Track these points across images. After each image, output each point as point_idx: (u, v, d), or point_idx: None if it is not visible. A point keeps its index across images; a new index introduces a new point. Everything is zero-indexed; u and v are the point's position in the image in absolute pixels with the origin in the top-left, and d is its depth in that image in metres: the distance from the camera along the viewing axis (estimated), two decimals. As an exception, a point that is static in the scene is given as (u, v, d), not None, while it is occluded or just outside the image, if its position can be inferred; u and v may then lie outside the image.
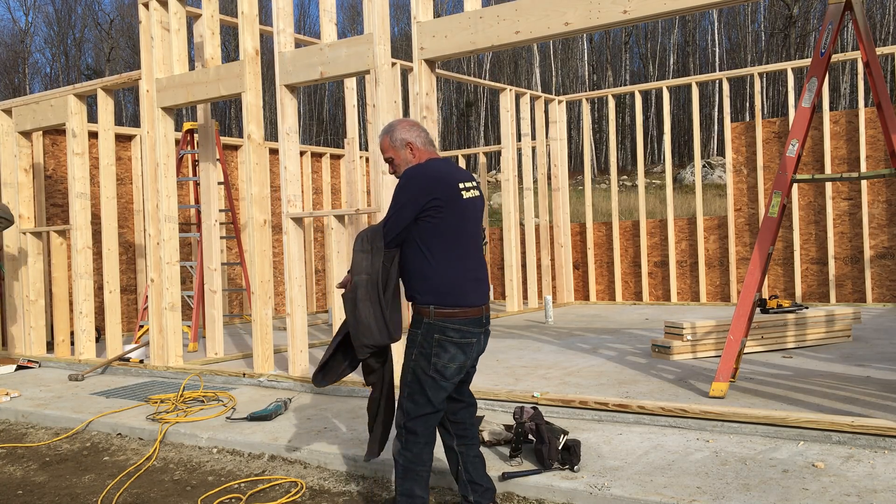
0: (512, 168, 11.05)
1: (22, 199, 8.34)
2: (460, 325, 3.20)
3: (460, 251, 3.22)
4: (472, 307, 3.24)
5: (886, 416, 4.16)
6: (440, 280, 3.19)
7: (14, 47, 48.32)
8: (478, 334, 3.28)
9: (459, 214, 3.21)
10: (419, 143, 3.35)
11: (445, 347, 3.19)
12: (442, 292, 3.19)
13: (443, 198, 3.15)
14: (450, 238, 3.19)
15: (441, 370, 3.18)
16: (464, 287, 3.22)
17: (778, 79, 33.89)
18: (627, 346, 7.40)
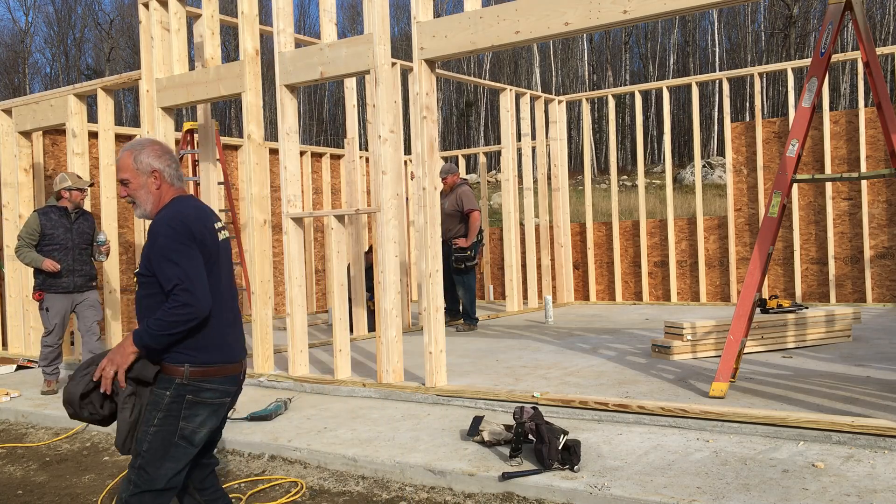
0: (512, 168, 11.05)
1: (22, 199, 8.34)
2: (217, 385, 2.82)
3: (218, 302, 2.84)
4: (230, 363, 2.87)
5: (886, 416, 4.16)
6: (196, 334, 2.78)
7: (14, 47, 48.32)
8: (233, 393, 2.92)
9: (216, 261, 2.86)
10: (167, 176, 2.91)
11: (197, 410, 2.78)
12: (198, 348, 2.79)
13: (207, 244, 2.81)
14: (214, 290, 2.82)
15: (189, 436, 2.77)
16: (222, 341, 2.85)
17: (778, 79, 33.89)
18: (627, 346, 7.40)
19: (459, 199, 9.00)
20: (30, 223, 6.43)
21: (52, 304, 6.42)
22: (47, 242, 6.41)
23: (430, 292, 5.48)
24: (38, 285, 6.44)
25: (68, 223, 6.48)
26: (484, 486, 3.76)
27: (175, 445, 2.75)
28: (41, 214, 6.45)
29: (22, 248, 6.38)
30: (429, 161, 5.53)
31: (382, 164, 5.71)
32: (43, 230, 6.39)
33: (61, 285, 6.42)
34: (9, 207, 8.50)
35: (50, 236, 6.40)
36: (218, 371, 2.82)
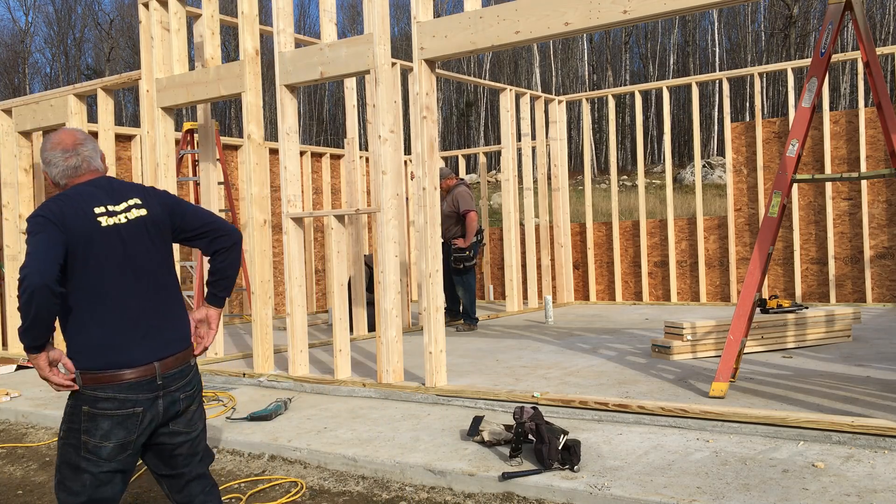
0: (512, 168, 11.05)
1: (22, 199, 8.34)
2: (114, 394, 2.51)
3: (97, 296, 2.53)
4: (126, 368, 2.52)
5: (886, 416, 4.16)
6: (73, 336, 2.54)
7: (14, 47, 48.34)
8: (144, 402, 2.56)
9: (90, 246, 2.52)
10: (52, 175, 2.70)
11: (97, 423, 2.51)
12: (78, 350, 2.53)
13: (72, 226, 2.49)
14: (93, 282, 2.52)
15: (94, 451, 2.51)
16: (106, 342, 2.53)
17: (778, 79, 33.90)
18: (627, 346, 7.40)
19: (456, 201, 9.03)
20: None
21: None
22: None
23: (430, 292, 5.48)
24: None
25: None
26: (484, 486, 3.76)
27: (84, 459, 2.51)
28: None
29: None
30: (429, 161, 5.53)
31: (382, 164, 5.71)
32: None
33: None
34: (9, 207, 8.50)
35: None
36: (112, 378, 2.50)
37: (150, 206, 2.69)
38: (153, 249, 2.66)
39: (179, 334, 2.70)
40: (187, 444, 2.73)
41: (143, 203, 2.67)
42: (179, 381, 2.66)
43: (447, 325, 8.48)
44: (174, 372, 2.63)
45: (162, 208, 2.72)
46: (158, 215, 2.70)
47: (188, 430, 2.73)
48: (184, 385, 2.68)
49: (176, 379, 2.64)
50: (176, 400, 2.65)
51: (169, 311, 2.69)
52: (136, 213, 2.64)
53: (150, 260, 2.64)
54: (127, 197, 2.66)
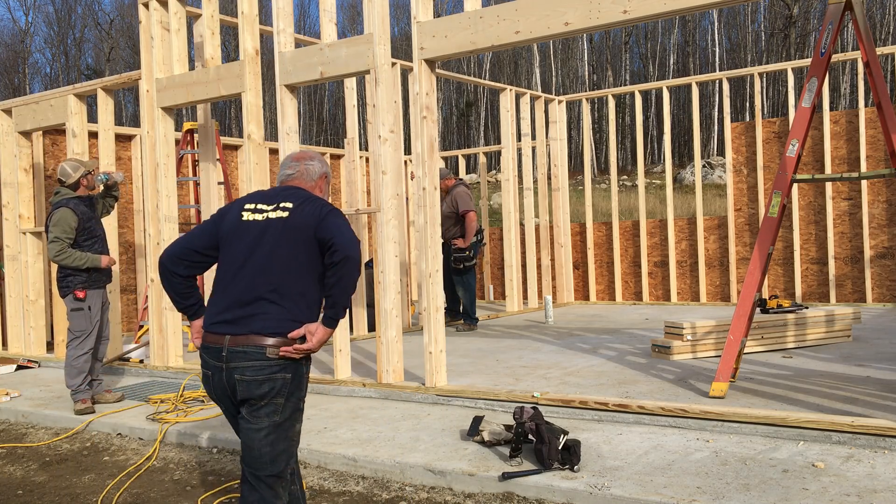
0: (512, 168, 11.05)
1: (22, 199, 8.34)
2: (203, 353, 2.93)
3: (220, 274, 2.97)
4: (207, 332, 2.91)
5: (886, 416, 4.16)
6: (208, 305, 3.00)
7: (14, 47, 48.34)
8: (212, 367, 2.88)
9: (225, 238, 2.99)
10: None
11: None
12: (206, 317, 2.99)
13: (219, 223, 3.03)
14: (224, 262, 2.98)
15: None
16: (211, 311, 2.93)
17: (778, 79, 33.90)
18: (627, 346, 7.40)
19: (455, 201, 9.04)
20: (65, 220, 5.73)
21: (94, 300, 5.87)
22: (86, 237, 5.84)
23: (430, 292, 5.48)
24: (80, 283, 5.80)
25: (93, 212, 6.01)
26: (484, 486, 3.76)
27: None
28: (73, 208, 5.80)
29: (65, 249, 5.71)
30: (429, 161, 5.53)
31: (382, 164, 5.71)
32: (81, 224, 5.80)
33: (102, 280, 5.95)
34: (9, 207, 8.50)
35: (88, 230, 5.85)
36: (205, 337, 2.92)
37: (295, 212, 2.93)
38: (280, 247, 2.88)
39: (261, 325, 2.82)
40: (248, 432, 2.85)
41: (290, 208, 2.94)
42: (242, 361, 2.80)
43: (447, 325, 8.48)
44: (237, 350, 2.81)
45: (309, 218, 2.91)
46: (300, 223, 2.90)
47: (249, 418, 2.86)
48: (245, 367, 2.80)
49: (238, 357, 2.81)
50: (232, 377, 2.82)
51: (263, 301, 2.85)
52: (278, 214, 2.93)
53: (270, 254, 2.88)
54: (280, 201, 2.97)
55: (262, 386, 2.81)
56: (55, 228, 5.73)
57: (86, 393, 5.83)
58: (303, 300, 2.89)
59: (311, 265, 2.88)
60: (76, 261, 5.74)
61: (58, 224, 5.74)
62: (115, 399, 6.04)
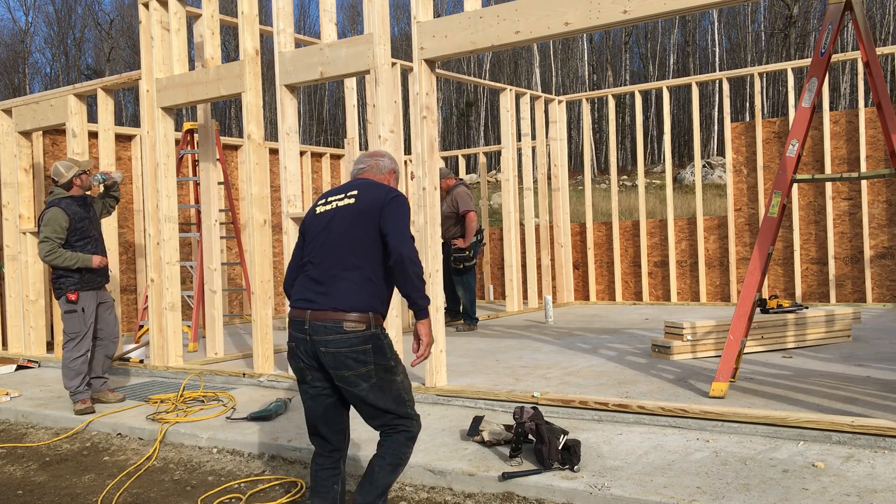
0: (512, 168, 11.05)
1: (22, 199, 8.34)
2: (290, 328, 3.26)
3: (306, 262, 3.31)
4: (292, 307, 3.26)
5: (886, 416, 4.16)
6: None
7: (14, 47, 48.33)
8: (298, 339, 3.20)
9: (304, 230, 3.38)
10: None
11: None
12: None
13: (305, 223, 3.40)
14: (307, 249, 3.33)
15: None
16: (297, 289, 3.29)
17: (778, 79, 33.90)
18: (627, 346, 7.40)
19: (455, 201, 9.04)
20: (56, 220, 5.68)
21: (87, 302, 5.81)
22: (78, 237, 5.78)
23: (430, 292, 5.48)
24: (73, 285, 5.75)
25: (87, 212, 5.94)
26: (484, 486, 3.76)
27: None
28: (64, 208, 5.75)
29: (55, 248, 5.66)
30: (429, 161, 5.53)
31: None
32: (71, 225, 5.74)
33: (97, 281, 5.88)
34: (9, 207, 8.50)
35: (80, 230, 5.79)
36: (290, 312, 3.24)
37: (360, 197, 3.25)
38: (349, 229, 3.19)
39: (337, 301, 3.12)
40: (353, 397, 3.18)
41: (356, 195, 3.26)
42: (323, 334, 3.10)
43: (447, 325, 8.47)
44: (318, 325, 3.11)
45: (374, 201, 3.21)
46: (366, 207, 3.20)
47: (345, 385, 3.15)
48: (327, 341, 3.09)
49: (320, 331, 3.10)
50: (317, 348, 3.12)
51: (340, 279, 3.16)
52: (346, 201, 3.26)
53: (342, 236, 3.20)
54: (348, 191, 3.30)
55: (346, 358, 3.09)
56: (45, 228, 5.70)
57: (85, 393, 5.81)
58: (373, 276, 3.17)
59: (377, 243, 3.16)
60: (66, 261, 5.69)
61: (48, 224, 5.70)
62: (116, 399, 6.02)
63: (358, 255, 3.15)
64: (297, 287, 3.27)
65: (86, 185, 5.99)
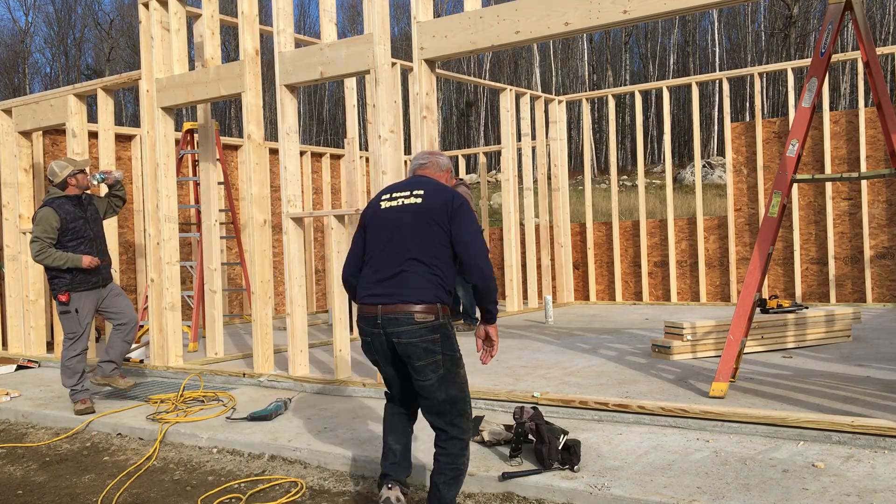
0: (512, 168, 11.04)
1: (22, 199, 8.34)
2: (360, 323, 3.42)
3: (372, 253, 3.45)
4: (362, 304, 3.39)
5: (886, 416, 4.16)
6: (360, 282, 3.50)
7: (14, 47, 48.32)
8: (371, 334, 3.38)
9: (366, 227, 3.52)
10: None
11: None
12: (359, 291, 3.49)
13: (364, 217, 3.55)
14: (369, 243, 3.49)
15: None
16: (362, 286, 3.44)
17: (778, 79, 33.90)
18: (627, 346, 7.40)
19: None
20: (46, 220, 5.65)
21: (82, 303, 5.76)
22: (70, 238, 5.72)
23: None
24: (65, 286, 5.70)
25: (83, 212, 5.86)
26: (484, 486, 3.76)
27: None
28: (56, 208, 5.70)
29: (45, 248, 5.63)
30: (429, 161, 5.53)
31: (382, 164, 5.71)
32: (63, 224, 5.68)
33: (91, 282, 5.79)
34: (9, 207, 8.50)
35: (72, 230, 5.73)
36: (360, 309, 3.39)
37: (427, 198, 3.39)
38: (416, 226, 3.34)
39: (406, 294, 3.28)
40: (422, 388, 3.32)
41: (422, 195, 3.40)
42: (395, 326, 3.27)
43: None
44: (390, 317, 3.27)
45: (442, 205, 3.36)
46: (435, 208, 3.36)
47: (417, 376, 3.31)
48: (400, 332, 3.26)
49: (392, 323, 3.27)
50: (390, 340, 3.30)
51: (409, 273, 3.31)
52: (412, 200, 3.40)
53: (410, 233, 3.34)
54: (413, 189, 3.44)
55: (417, 348, 3.26)
56: (36, 228, 5.69)
57: (84, 393, 5.80)
58: (440, 271, 3.33)
59: (443, 241, 3.34)
60: (56, 261, 5.65)
61: (38, 224, 5.68)
62: (126, 385, 5.92)
63: (425, 251, 3.32)
64: (364, 283, 3.41)
65: (82, 185, 5.92)
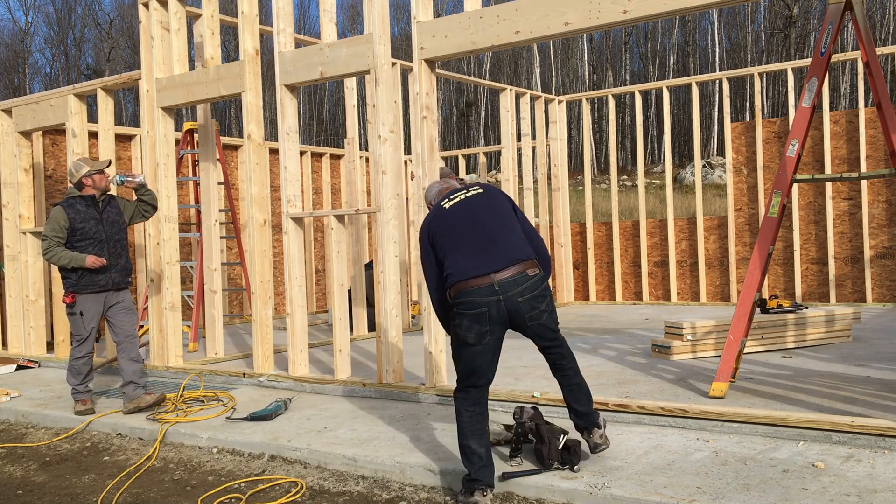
0: (512, 168, 11.04)
1: (22, 199, 8.34)
2: (466, 297, 3.61)
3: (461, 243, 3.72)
4: (474, 278, 3.59)
5: (886, 416, 4.16)
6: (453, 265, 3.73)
7: (14, 47, 48.30)
8: (488, 302, 3.58)
9: (447, 220, 3.79)
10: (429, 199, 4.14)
11: (460, 320, 3.65)
12: (455, 272, 3.69)
13: (434, 231, 3.80)
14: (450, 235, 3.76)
15: (463, 337, 3.67)
16: (457, 267, 3.66)
17: (778, 79, 33.89)
18: (627, 346, 7.39)
19: None
20: (56, 219, 5.63)
21: (87, 306, 5.69)
22: (79, 238, 5.66)
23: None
24: (70, 286, 5.66)
25: (97, 213, 5.76)
26: (484, 486, 3.75)
27: (459, 347, 3.67)
28: (67, 207, 5.68)
29: (52, 247, 5.60)
30: (429, 161, 5.53)
31: (382, 164, 5.71)
32: (72, 224, 5.64)
33: (98, 283, 5.69)
34: (9, 207, 8.50)
35: (81, 230, 5.66)
36: (462, 286, 3.60)
37: (487, 190, 3.85)
38: (493, 208, 3.78)
39: (511, 256, 3.64)
40: (540, 328, 3.74)
41: (479, 190, 3.84)
42: (515, 287, 3.59)
43: (447, 325, 8.47)
44: (508, 281, 3.58)
45: (503, 194, 3.88)
46: (497, 195, 3.85)
47: (537, 322, 3.70)
48: (522, 290, 3.61)
49: (511, 286, 3.59)
50: (512, 302, 3.58)
51: (503, 240, 3.69)
52: (473, 192, 3.83)
53: (486, 214, 3.74)
54: (469, 189, 3.86)
55: (536, 301, 3.64)
56: (46, 227, 5.69)
57: (85, 394, 5.77)
58: (522, 233, 3.78)
59: (515, 218, 3.81)
60: (61, 260, 5.62)
61: (48, 222, 5.69)
62: (153, 401, 5.68)
63: (507, 222, 3.74)
64: (463, 265, 3.62)
65: (99, 185, 5.82)
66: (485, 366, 3.68)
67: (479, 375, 3.69)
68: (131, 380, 5.72)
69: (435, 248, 3.77)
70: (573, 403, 3.88)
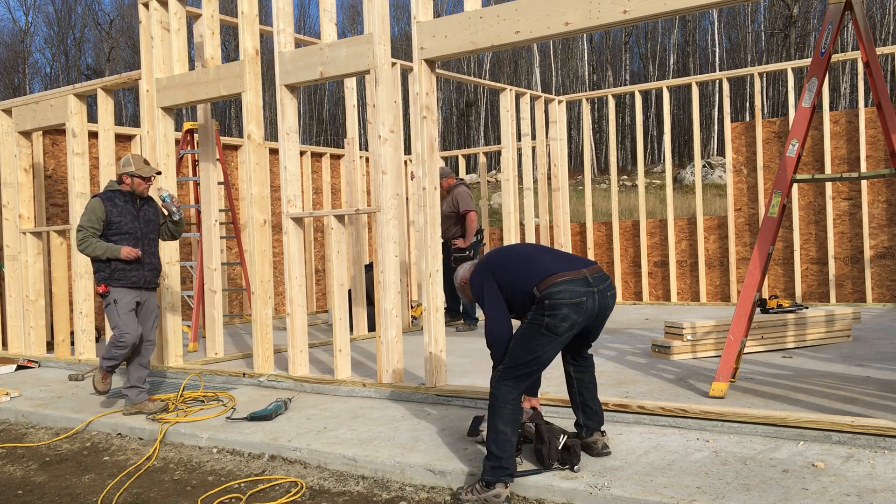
0: (512, 168, 11.03)
1: (22, 199, 8.34)
2: (564, 287, 3.72)
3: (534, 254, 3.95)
4: (569, 272, 3.73)
5: (886, 416, 4.16)
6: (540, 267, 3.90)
7: (14, 47, 48.31)
8: (586, 293, 3.70)
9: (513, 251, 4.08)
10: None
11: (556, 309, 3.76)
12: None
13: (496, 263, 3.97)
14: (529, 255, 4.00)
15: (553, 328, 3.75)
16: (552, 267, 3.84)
17: (778, 79, 33.90)
18: (627, 346, 7.40)
19: (455, 201, 9.03)
20: (93, 210, 5.54)
21: (121, 296, 5.59)
22: (114, 231, 5.58)
23: (430, 292, 5.48)
24: (103, 277, 5.55)
25: (134, 210, 5.70)
26: (484, 486, 3.75)
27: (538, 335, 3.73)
28: (105, 200, 5.59)
29: (87, 237, 5.51)
30: (429, 161, 5.53)
31: (382, 164, 5.71)
32: (108, 217, 5.55)
33: (130, 279, 5.61)
34: (9, 207, 8.50)
35: (117, 224, 5.58)
36: (564, 276, 3.71)
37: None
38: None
39: (586, 260, 3.91)
40: (600, 326, 3.92)
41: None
42: (603, 283, 3.78)
43: (447, 325, 8.48)
44: (598, 276, 3.78)
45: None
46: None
47: (604, 319, 3.88)
48: (608, 286, 3.81)
49: (600, 280, 3.77)
50: (604, 296, 3.76)
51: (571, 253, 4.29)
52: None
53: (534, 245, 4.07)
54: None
55: (614, 298, 3.87)
56: (82, 217, 5.60)
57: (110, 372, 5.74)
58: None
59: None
60: (96, 250, 5.53)
61: (84, 213, 5.60)
62: (155, 409, 5.63)
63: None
64: (550, 264, 3.77)
65: (137, 189, 5.73)
66: (553, 357, 3.78)
67: (542, 365, 3.81)
68: (136, 384, 5.70)
69: (496, 274, 3.87)
70: (590, 402, 4.00)
